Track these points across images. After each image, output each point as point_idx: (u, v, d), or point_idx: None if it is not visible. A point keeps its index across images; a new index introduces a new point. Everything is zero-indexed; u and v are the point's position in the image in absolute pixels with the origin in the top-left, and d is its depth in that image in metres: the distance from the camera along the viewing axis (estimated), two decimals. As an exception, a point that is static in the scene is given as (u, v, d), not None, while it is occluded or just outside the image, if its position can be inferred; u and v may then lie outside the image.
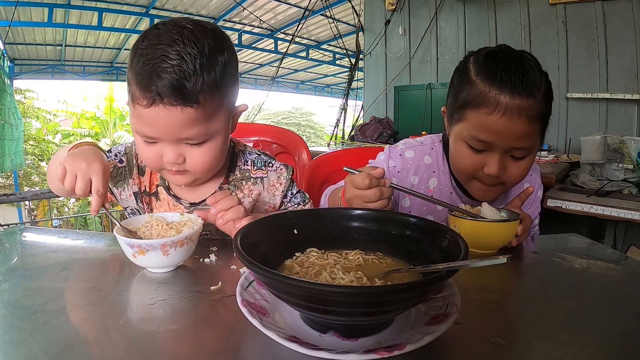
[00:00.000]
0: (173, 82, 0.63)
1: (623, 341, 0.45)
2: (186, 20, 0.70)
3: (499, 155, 0.76)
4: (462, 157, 0.81)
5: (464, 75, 0.79)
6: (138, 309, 0.51)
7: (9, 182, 7.27)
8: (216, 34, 0.71)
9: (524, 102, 0.71)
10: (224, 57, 0.70)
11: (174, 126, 0.67)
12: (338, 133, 4.21)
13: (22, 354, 0.41)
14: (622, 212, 1.72)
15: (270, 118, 14.40)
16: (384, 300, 0.37)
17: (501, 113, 0.71)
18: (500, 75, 0.72)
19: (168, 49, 0.64)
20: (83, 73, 8.00)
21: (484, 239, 0.70)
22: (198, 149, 0.72)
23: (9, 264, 0.67)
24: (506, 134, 0.73)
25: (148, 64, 0.64)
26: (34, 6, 4.83)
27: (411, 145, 0.96)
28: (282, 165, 0.91)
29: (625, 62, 2.43)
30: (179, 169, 0.74)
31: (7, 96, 4.33)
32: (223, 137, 0.75)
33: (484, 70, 0.75)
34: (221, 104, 0.72)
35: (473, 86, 0.76)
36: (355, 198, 0.68)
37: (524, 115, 0.71)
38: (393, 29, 3.49)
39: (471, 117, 0.76)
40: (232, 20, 6.15)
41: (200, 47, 0.66)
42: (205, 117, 0.69)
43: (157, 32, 0.67)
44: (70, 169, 0.66)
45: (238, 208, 0.70)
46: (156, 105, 0.65)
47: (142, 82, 0.65)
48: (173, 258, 0.61)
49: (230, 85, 0.73)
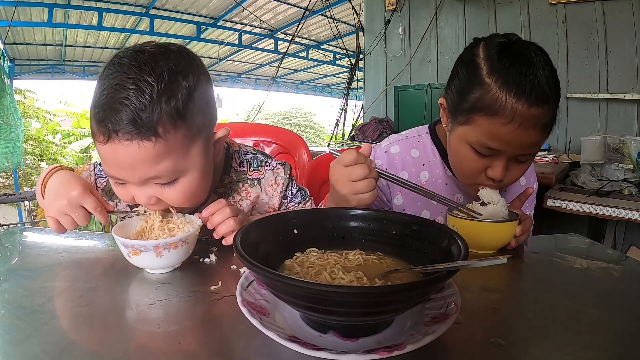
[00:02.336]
0: (126, 114, 0.57)
1: (623, 341, 0.45)
2: (150, 44, 0.63)
3: (505, 161, 0.73)
4: (465, 160, 0.77)
5: (473, 71, 0.72)
6: (138, 309, 0.51)
7: (9, 182, 7.28)
8: (180, 55, 0.63)
9: (540, 111, 0.67)
10: (189, 80, 0.62)
11: (133, 165, 0.60)
12: (338, 133, 4.22)
13: (22, 354, 0.41)
14: (622, 212, 1.72)
15: (270, 118, 14.39)
16: (384, 300, 0.37)
17: (517, 124, 0.67)
18: (517, 80, 0.67)
19: (123, 77, 0.58)
20: (83, 73, 8.01)
21: (483, 239, 0.70)
22: (170, 188, 0.65)
23: (9, 264, 0.67)
24: (518, 144, 0.70)
25: (102, 95, 0.58)
26: (34, 6, 4.84)
27: (395, 139, 0.93)
28: (279, 164, 0.88)
29: (625, 62, 2.44)
30: (156, 208, 0.67)
31: (7, 96, 4.33)
32: (200, 171, 0.67)
33: (499, 73, 0.69)
34: (189, 134, 0.63)
35: (486, 90, 0.69)
36: (341, 178, 0.66)
37: (538, 125, 0.68)
38: (393, 29, 3.49)
39: (482, 123, 0.71)
40: (232, 20, 6.15)
41: (159, 71, 0.59)
42: (169, 152, 0.61)
43: (118, 59, 0.60)
44: (57, 214, 0.64)
45: (229, 221, 0.67)
46: (112, 141, 0.58)
47: (97, 116, 0.59)
48: (167, 260, 0.60)
49: (199, 112, 0.64)
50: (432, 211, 0.91)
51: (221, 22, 6.11)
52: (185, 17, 5.87)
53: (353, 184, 0.65)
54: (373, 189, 0.66)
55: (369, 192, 0.65)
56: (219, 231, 0.68)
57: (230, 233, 0.68)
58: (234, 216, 0.68)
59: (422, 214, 0.90)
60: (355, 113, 4.15)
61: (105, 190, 0.83)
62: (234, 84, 9.90)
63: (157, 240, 0.59)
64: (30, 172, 7.77)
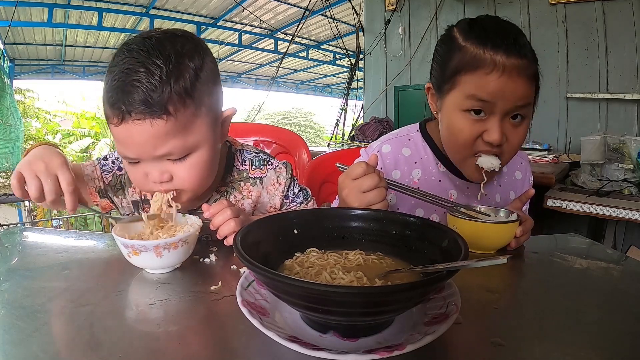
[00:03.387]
0: (138, 95, 0.60)
1: (623, 341, 0.45)
2: (155, 30, 0.67)
3: (499, 119, 0.73)
4: (459, 128, 0.76)
5: (450, 43, 0.77)
6: (138, 309, 0.51)
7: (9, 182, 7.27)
8: (186, 39, 0.67)
9: (520, 61, 0.70)
10: (195, 62, 0.66)
11: (147, 142, 0.63)
12: (338, 133, 4.22)
13: (22, 354, 0.41)
14: (622, 212, 1.72)
15: (270, 118, 14.40)
16: (384, 300, 0.37)
17: (500, 72, 0.70)
18: (491, 37, 0.72)
19: (133, 62, 0.62)
20: (83, 73, 8.01)
21: (483, 239, 0.70)
22: (181, 164, 0.68)
23: (9, 264, 0.67)
24: (506, 94, 0.71)
25: (114, 80, 0.62)
26: (34, 6, 4.84)
27: (386, 139, 0.93)
28: (281, 163, 0.88)
29: (625, 62, 2.43)
30: (167, 187, 0.69)
31: (7, 96, 4.33)
32: (209, 148, 0.70)
33: (473, 35, 0.74)
34: (197, 112, 0.67)
35: (464, 51, 0.74)
36: (351, 191, 0.66)
37: (522, 74, 0.71)
38: (393, 29, 3.49)
39: (467, 80, 0.73)
40: (232, 20, 6.15)
41: (166, 54, 0.62)
42: (180, 129, 0.65)
43: (127, 46, 0.64)
44: (28, 173, 0.62)
45: (230, 222, 0.68)
46: (126, 121, 0.62)
47: (110, 99, 0.62)
48: (167, 260, 0.60)
49: (206, 92, 0.68)
50: (425, 209, 0.91)
51: (221, 22, 6.11)
52: (185, 17, 5.87)
53: (364, 195, 0.65)
54: (384, 198, 0.65)
55: (381, 202, 0.65)
56: (221, 232, 0.68)
57: (231, 234, 0.68)
58: (235, 217, 0.69)
59: (416, 212, 0.90)
60: (355, 113, 4.15)
61: (111, 185, 0.83)
62: (234, 84, 9.90)
63: (157, 241, 0.59)
64: (30, 172, 7.76)
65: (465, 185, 0.89)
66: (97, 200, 0.81)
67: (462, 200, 0.89)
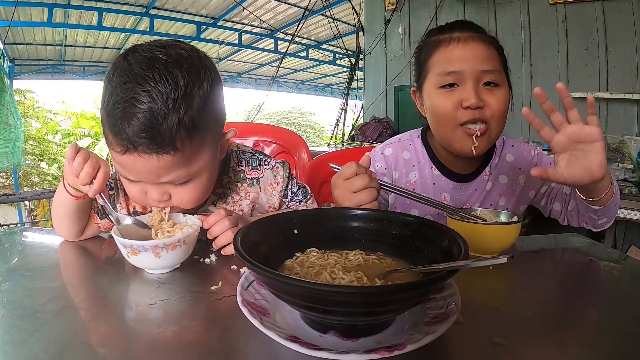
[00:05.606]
0: (145, 128, 0.58)
1: (623, 341, 0.45)
2: (159, 47, 0.62)
3: (472, 84, 0.80)
4: (440, 104, 0.83)
5: (420, 47, 0.91)
6: (138, 309, 0.51)
7: (9, 182, 7.27)
8: (192, 61, 0.63)
9: (474, 33, 0.83)
10: (203, 89, 0.63)
11: (152, 172, 0.63)
12: (338, 133, 4.22)
13: (22, 354, 0.41)
14: (622, 212, 1.72)
15: (270, 118, 14.38)
16: (384, 300, 0.37)
17: (457, 42, 0.82)
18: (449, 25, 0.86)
19: (137, 89, 0.58)
20: (83, 73, 8.01)
21: (484, 242, 0.70)
22: (182, 188, 0.68)
23: (9, 264, 0.67)
24: (469, 57, 0.80)
25: (117, 107, 0.59)
26: (34, 6, 4.84)
27: (389, 142, 1.01)
28: (278, 163, 0.88)
29: (625, 62, 2.44)
30: (165, 205, 0.70)
31: (7, 96, 4.33)
32: (209, 172, 0.71)
33: (435, 30, 0.88)
34: (203, 142, 0.66)
35: (427, 43, 0.88)
36: (342, 191, 0.67)
37: (477, 40, 0.81)
38: (393, 29, 3.49)
39: (434, 61, 0.85)
40: (232, 20, 6.16)
41: (174, 82, 0.59)
42: (185, 160, 0.64)
43: (127, 64, 0.60)
44: (82, 153, 0.65)
45: (227, 233, 0.68)
46: (130, 153, 0.60)
47: (114, 128, 0.60)
48: (166, 260, 0.60)
49: (212, 120, 0.67)
50: (420, 209, 0.95)
51: (221, 22, 6.11)
52: (185, 17, 5.87)
53: (354, 196, 0.65)
54: (375, 199, 0.66)
55: (371, 202, 0.66)
56: (218, 242, 0.69)
57: (229, 244, 0.68)
58: (233, 227, 0.68)
59: (411, 211, 0.95)
60: (355, 113, 4.15)
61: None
62: (234, 83, 9.90)
63: (156, 241, 0.59)
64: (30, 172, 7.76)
65: (458, 187, 0.94)
66: (97, 222, 0.80)
67: (455, 201, 0.93)
